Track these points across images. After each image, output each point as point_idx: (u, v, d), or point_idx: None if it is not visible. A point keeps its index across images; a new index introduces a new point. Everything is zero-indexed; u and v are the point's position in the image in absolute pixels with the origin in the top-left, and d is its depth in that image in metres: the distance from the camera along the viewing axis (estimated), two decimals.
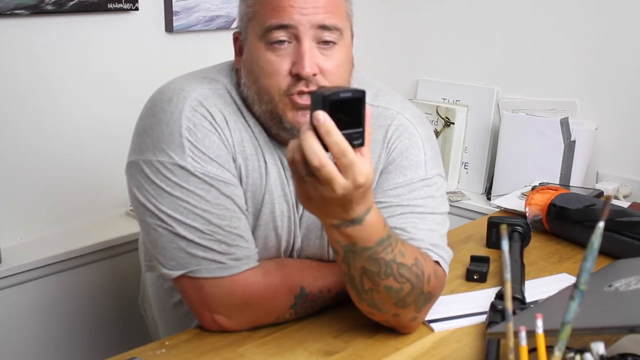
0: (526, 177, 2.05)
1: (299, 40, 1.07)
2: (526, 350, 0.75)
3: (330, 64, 1.09)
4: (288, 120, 1.10)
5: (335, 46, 1.09)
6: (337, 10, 1.09)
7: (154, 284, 1.34)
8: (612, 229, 1.46)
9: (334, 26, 1.08)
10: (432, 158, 1.23)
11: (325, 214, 0.97)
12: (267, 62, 1.09)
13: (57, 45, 1.82)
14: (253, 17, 1.10)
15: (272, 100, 1.10)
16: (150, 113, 1.14)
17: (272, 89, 1.09)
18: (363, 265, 1.02)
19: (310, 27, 1.06)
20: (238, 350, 1.12)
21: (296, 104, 1.08)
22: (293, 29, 1.06)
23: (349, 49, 1.14)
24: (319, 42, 1.08)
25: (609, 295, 1.03)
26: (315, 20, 1.06)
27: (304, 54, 1.06)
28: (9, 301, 1.73)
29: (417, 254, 1.09)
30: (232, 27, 2.14)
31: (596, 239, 0.75)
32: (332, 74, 1.09)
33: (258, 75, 1.10)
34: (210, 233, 1.10)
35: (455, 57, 2.36)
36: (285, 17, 1.06)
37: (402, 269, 1.04)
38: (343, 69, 1.11)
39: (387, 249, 1.02)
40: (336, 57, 1.10)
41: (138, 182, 1.12)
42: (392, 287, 1.05)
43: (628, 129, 2.05)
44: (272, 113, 1.11)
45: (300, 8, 1.06)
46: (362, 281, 1.04)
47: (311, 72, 1.06)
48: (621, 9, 2.01)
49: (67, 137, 1.87)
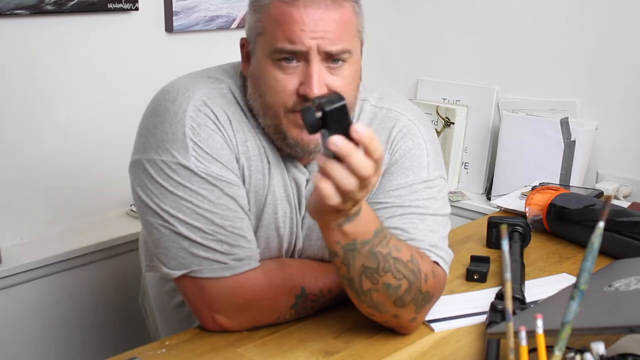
0: (526, 177, 2.05)
1: (307, 61, 1.06)
2: (526, 350, 0.76)
3: (339, 83, 1.08)
4: (292, 137, 1.10)
5: (344, 65, 1.09)
6: (348, 31, 1.08)
7: (155, 285, 1.34)
8: (612, 229, 1.46)
9: (342, 51, 1.07)
10: (434, 160, 1.23)
11: (334, 217, 0.97)
12: (274, 80, 1.08)
13: (57, 45, 1.82)
14: (262, 32, 1.09)
15: (277, 117, 1.10)
16: (154, 112, 1.14)
17: (277, 106, 1.09)
18: (362, 263, 1.02)
19: (319, 51, 1.05)
20: (238, 350, 1.12)
21: (300, 121, 1.08)
22: (304, 53, 1.06)
23: (357, 65, 1.13)
24: (328, 61, 1.07)
25: (609, 295, 1.03)
26: (324, 46, 1.05)
27: (312, 76, 1.05)
28: (9, 301, 1.73)
29: (412, 251, 1.09)
30: (232, 27, 2.14)
31: (596, 239, 0.75)
32: (339, 92, 1.08)
33: (264, 91, 1.10)
34: (212, 233, 1.10)
35: (455, 57, 2.36)
36: (297, 42, 1.04)
37: (398, 264, 1.05)
38: (351, 87, 1.11)
39: (383, 241, 1.02)
40: (344, 75, 1.09)
41: (141, 181, 1.12)
42: (390, 284, 1.05)
43: (628, 129, 2.05)
44: (277, 128, 1.11)
45: (311, 32, 1.04)
46: (361, 281, 1.05)
47: (319, 94, 1.05)
48: (621, 9, 2.01)
49: (67, 137, 1.87)
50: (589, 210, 1.55)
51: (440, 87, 2.38)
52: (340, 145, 0.89)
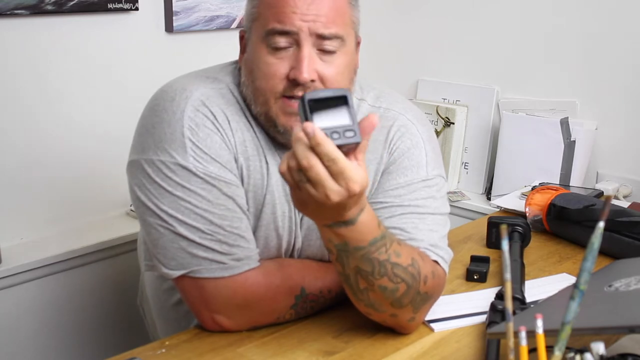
0: (526, 177, 2.05)
1: (299, 46, 1.07)
2: (526, 350, 0.75)
3: (330, 71, 1.09)
4: (281, 124, 1.11)
5: (336, 53, 1.09)
6: (340, 18, 1.09)
7: (153, 284, 1.34)
8: (612, 229, 1.46)
9: (334, 35, 1.08)
10: (433, 159, 1.23)
11: (319, 217, 0.97)
12: (265, 64, 1.09)
13: (57, 45, 1.81)
14: (257, 17, 1.11)
15: (267, 103, 1.10)
16: (153, 112, 1.14)
17: (267, 91, 1.09)
18: (357, 264, 1.02)
19: (311, 34, 1.06)
20: (238, 350, 1.12)
21: (289, 108, 1.09)
22: (294, 34, 1.07)
23: (351, 56, 1.13)
24: (320, 49, 1.08)
25: (609, 295, 1.03)
26: (315, 28, 1.06)
27: (303, 60, 1.06)
28: (9, 301, 1.73)
29: (414, 255, 1.09)
30: (232, 27, 2.14)
31: (596, 239, 0.75)
32: (331, 81, 1.09)
33: (256, 76, 1.11)
34: (211, 233, 1.10)
35: (455, 57, 2.36)
36: (287, 23, 1.06)
37: (396, 269, 1.04)
38: (343, 76, 1.11)
39: (381, 249, 1.01)
40: (336, 64, 1.09)
41: (139, 182, 1.12)
42: (386, 287, 1.05)
43: (628, 129, 2.05)
44: (267, 116, 1.12)
45: (303, 14, 1.06)
46: (357, 280, 1.05)
47: (309, 78, 1.06)
48: (621, 9, 2.01)
49: (66, 137, 1.87)
50: (589, 210, 1.55)
51: (440, 87, 2.37)
52: (295, 130, 0.88)
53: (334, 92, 0.90)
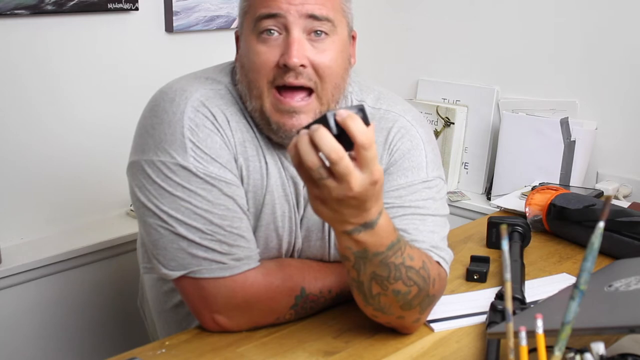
0: (526, 177, 2.05)
1: (288, 31, 1.07)
2: (526, 350, 0.75)
3: (321, 57, 1.08)
4: (274, 122, 1.11)
5: (327, 39, 1.09)
6: (329, 2, 1.09)
7: (153, 286, 1.33)
8: (612, 229, 1.46)
9: (324, 17, 1.08)
10: (433, 160, 1.23)
11: (339, 219, 0.95)
12: (256, 54, 1.09)
13: (57, 45, 1.81)
14: (248, 10, 1.12)
15: (261, 95, 1.10)
16: (152, 113, 1.14)
17: (260, 82, 1.09)
18: (373, 270, 1.01)
19: (299, 16, 1.06)
20: (238, 351, 1.12)
21: (281, 105, 1.09)
22: (282, 18, 1.07)
23: (343, 45, 1.13)
24: (310, 34, 1.08)
25: (609, 295, 1.03)
26: (304, 10, 1.07)
27: (292, 44, 1.06)
28: (9, 301, 1.73)
29: (424, 257, 1.09)
30: (232, 27, 2.14)
31: (596, 239, 0.75)
32: (323, 68, 1.09)
33: (248, 68, 1.11)
34: (211, 233, 1.10)
35: (455, 57, 2.36)
36: (274, 6, 1.07)
37: (410, 272, 1.04)
38: (335, 63, 1.11)
39: (397, 252, 1.01)
40: (328, 50, 1.09)
41: (140, 182, 1.12)
42: (400, 290, 1.05)
43: (628, 129, 2.05)
44: (261, 112, 1.12)
45: None
46: (371, 286, 1.04)
47: (298, 63, 1.06)
48: (621, 9, 2.01)
49: (67, 137, 1.87)
50: (589, 210, 1.55)
51: (440, 87, 2.38)
52: (312, 127, 0.88)
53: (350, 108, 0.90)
